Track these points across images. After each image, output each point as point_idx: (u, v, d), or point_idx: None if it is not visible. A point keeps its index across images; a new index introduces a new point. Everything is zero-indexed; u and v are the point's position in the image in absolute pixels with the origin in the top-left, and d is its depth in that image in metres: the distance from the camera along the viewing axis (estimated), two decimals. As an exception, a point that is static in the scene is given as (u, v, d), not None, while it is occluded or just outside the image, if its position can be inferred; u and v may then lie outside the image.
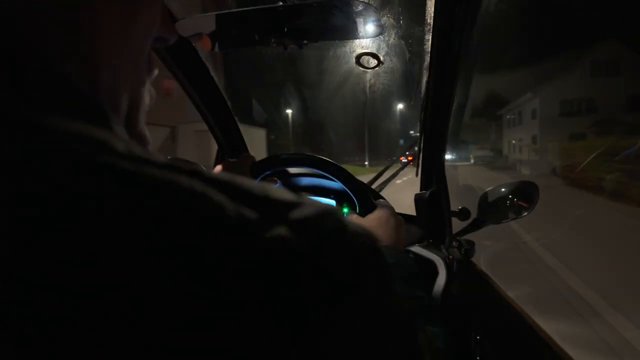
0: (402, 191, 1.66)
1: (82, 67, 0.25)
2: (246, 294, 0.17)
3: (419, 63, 0.97)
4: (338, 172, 0.82)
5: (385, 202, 0.74)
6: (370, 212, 0.72)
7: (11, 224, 0.16)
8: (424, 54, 0.94)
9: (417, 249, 0.96)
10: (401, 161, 1.28)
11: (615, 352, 2.63)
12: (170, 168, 0.20)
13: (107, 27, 0.26)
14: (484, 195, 1.02)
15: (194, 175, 0.20)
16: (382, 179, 1.25)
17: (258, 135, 20.58)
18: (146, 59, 0.32)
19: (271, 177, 0.91)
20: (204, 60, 1.07)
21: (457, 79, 0.92)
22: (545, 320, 1.40)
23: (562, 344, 0.71)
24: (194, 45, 1.04)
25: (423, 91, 1.01)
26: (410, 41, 1.00)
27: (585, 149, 14.48)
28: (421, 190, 1.10)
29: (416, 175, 1.14)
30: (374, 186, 1.20)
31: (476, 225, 1.03)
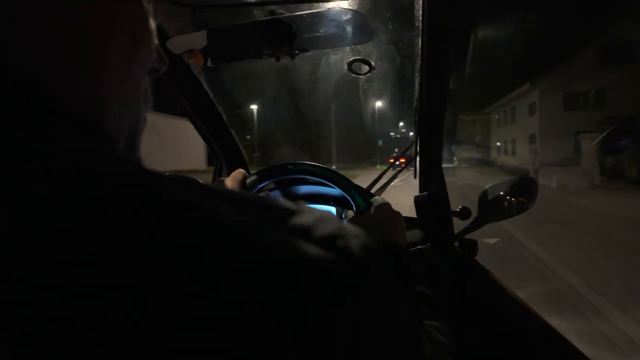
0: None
1: (88, 97, 0.27)
2: (247, 294, 0.18)
3: (410, 67, 0.98)
4: (331, 176, 0.82)
5: (381, 199, 0.74)
6: (367, 211, 0.72)
7: (11, 224, 0.16)
8: (415, 57, 0.95)
9: (420, 250, 0.96)
10: (392, 163, 1.28)
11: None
12: (170, 181, 0.20)
13: (113, 63, 0.28)
14: (484, 194, 1.02)
15: (192, 187, 0.21)
16: (381, 183, 1.25)
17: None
18: (144, 89, 0.34)
19: (266, 190, 0.91)
20: (196, 75, 1.08)
21: (449, 80, 0.93)
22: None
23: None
24: (186, 62, 1.05)
25: (416, 94, 1.02)
26: (400, 45, 1.01)
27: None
28: (420, 192, 1.10)
29: (415, 177, 1.15)
30: (372, 190, 1.21)
31: (477, 224, 1.02)
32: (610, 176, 13.50)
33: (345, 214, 0.78)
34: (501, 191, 1.02)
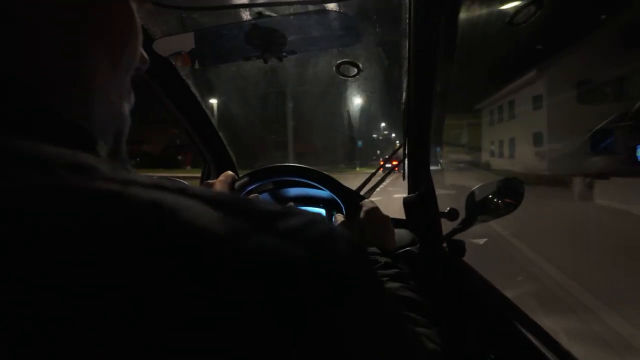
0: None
1: (78, 101, 0.27)
2: (246, 294, 0.18)
3: (397, 69, 0.98)
4: (319, 178, 0.82)
5: (370, 202, 0.75)
6: (356, 213, 0.72)
7: (11, 226, 0.16)
8: (402, 60, 0.96)
9: (409, 251, 0.96)
10: (383, 166, 1.29)
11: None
12: (155, 187, 0.20)
13: (100, 65, 0.29)
14: (471, 195, 1.03)
15: (180, 192, 0.21)
16: (370, 185, 1.26)
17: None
18: (128, 88, 0.35)
19: (255, 193, 0.90)
20: (184, 78, 1.07)
21: (436, 83, 0.93)
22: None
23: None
24: (173, 64, 1.04)
25: (404, 97, 1.03)
26: (387, 48, 1.02)
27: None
28: (409, 194, 1.11)
29: (403, 179, 1.15)
30: (362, 192, 1.21)
31: (465, 224, 1.03)
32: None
33: (335, 217, 0.78)
34: (488, 192, 1.03)
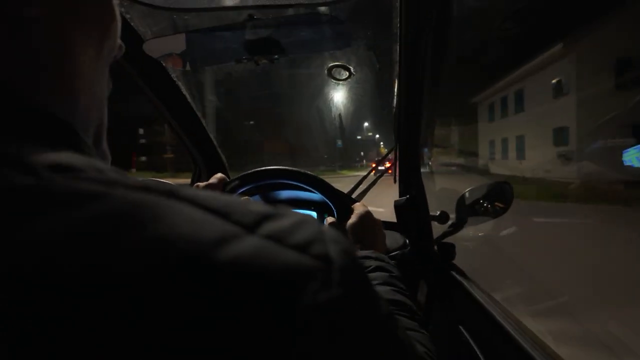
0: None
1: (63, 95, 0.27)
2: (246, 294, 0.18)
3: (388, 73, 0.99)
4: (311, 181, 0.82)
5: (362, 205, 0.75)
6: (347, 216, 0.72)
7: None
8: (393, 64, 0.96)
9: (400, 254, 0.96)
10: (375, 168, 1.29)
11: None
12: (142, 189, 0.20)
13: (84, 56, 0.28)
14: (461, 198, 1.04)
15: (167, 194, 0.21)
16: (361, 188, 1.26)
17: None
18: (108, 78, 0.34)
19: (246, 195, 0.90)
20: (175, 80, 1.07)
21: (425, 88, 0.94)
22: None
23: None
24: (164, 66, 1.04)
25: (395, 102, 1.03)
26: (378, 52, 1.02)
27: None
28: (400, 197, 1.11)
29: (394, 182, 1.16)
30: (353, 195, 1.21)
31: (455, 227, 1.04)
32: None
33: (326, 220, 0.78)
34: (478, 195, 1.04)
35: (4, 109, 0.23)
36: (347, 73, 0.99)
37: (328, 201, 0.80)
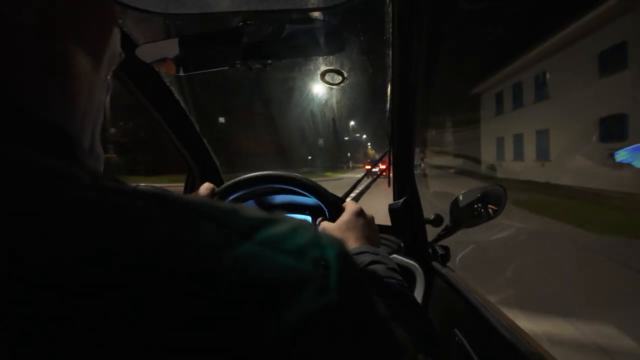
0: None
1: (62, 104, 0.27)
2: (246, 294, 0.18)
3: (382, 77, 1.00)
4: (299, 183, 0.81)
5: (353, 203, 0.75)
6: (339, 215, 0.72)
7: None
8: (386, 68, 0.97)
9: (395, 258, 0.97)
10: (370, 170, 1.29)
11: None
12: (136, 196, 0.20)
13: (84, 65, 0.29)
14: (455, 201, 1.05)
15: (161, 200, 0.21)
16: (357, 191, 1.26)
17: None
18: (108, 86, 0.34)
19: (239, 200, 0.89)
20: (168, 85, 1.06)
21: (418, 91, 0.95)
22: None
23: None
24: (158, 72, 1.03)
25: (388, 105, 1.04)
26: (372, 56, 1.03)
27: None
28: (394, 200, 1.12)
29: (388, 185, 1.16)
30: (348, 199, 1.21)
31: (449, 230, 1.05)
32: None
33: (319, 220, 0.78)
34: (472, 198, 1.04)
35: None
36: (341, 77, 1.00)
37: (318, 200, 0.80)
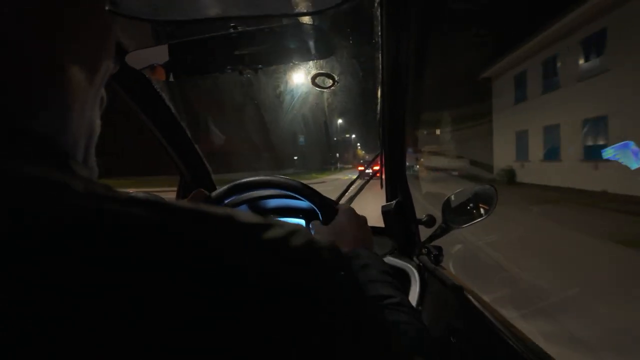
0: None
1: (55, 117, 0.27)
2: (246, 294, 0.18)
3: (372, 80, 1.00)
4: (290, 186, 0.82)
5: (346, 206, 0.76)
6: (332, 218, 0.73)
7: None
8: (376, 71, 0.98)
9: (389, 259, 0.97)
10: (363, 172, 1.30)
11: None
12: (132, 203, 0.20)
13: (78, 79, 0.28)
14: (447, 201, 1.06)
15: (156, 206, 0.21)
16: (350, 194, 1.27)
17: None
18: (102, 98, 0.34)
19: (232, 205, 0.89)
20: (158, 90, 1.06)
21: (407, 93, 0.96)
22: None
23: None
24: (148, 78, 1.03)
25: (379, 108, 1.05)
26: (362, 60, 1.04)
27: None
28: (387, 202, 1.12)
29: (381, 187, 1.17)
30: (341, 202, 1.22)
31: (442, 231, 1.05)
32: None
33: (312, 223, 0.78)
34: (463, 199, 1.06)
35: None
36: (331, 81, 1.00)
37: (312, 205, 0.80)
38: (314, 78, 0.99)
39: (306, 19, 0.77)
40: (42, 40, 0.25)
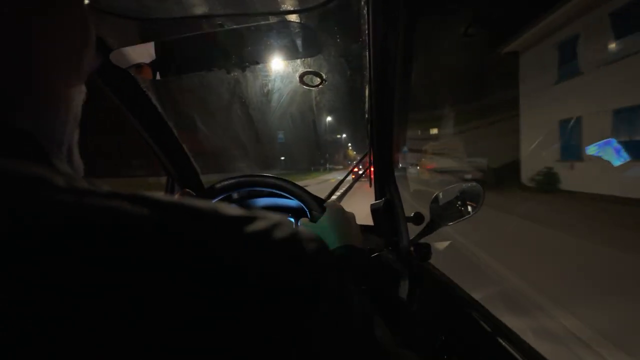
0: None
1: (39, 113, 0.27)
2: (246, 294, 0.18)
3: (360, 78, 1.01)
4: (279, 184, 0.82)
5: (334, 203, 0.76)
6: (320, 215, 0.73)
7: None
8: (363, 70, 0.98)
9: (378, 257, 0.98)
10: (352, 171, 1.30)
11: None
12: (113, 197, 0.20)
13: (60, 74, 0.28)
14: (435, 199, 1.07)
15: (140, 200, 0.21)
16: (339, 192, 1.27)
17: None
18: (84, 94, 0.34)
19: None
20: (144, 89, 1.05)
21: (395, 92, 0.96)
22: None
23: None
24: (134, 77, 1.01)
25: (367, 106, 1.05)
26: (349, 58, 1.04)
27: None
28: (376, 200, 1.13)
29: (370, 186, 1.17)
30: (330, 200, 1.22)
31: (430, 228, 1.06)
32: None
33: (300, 220, 0.79)
34: (451, 197, 1.07)
35: None
36: (319, 79, 1.00)
37: (301, 203, 0.80)
38: (301, 76, 0.99)
39: (293, 17, 0.77)
40: (20, 33, 0.25)
